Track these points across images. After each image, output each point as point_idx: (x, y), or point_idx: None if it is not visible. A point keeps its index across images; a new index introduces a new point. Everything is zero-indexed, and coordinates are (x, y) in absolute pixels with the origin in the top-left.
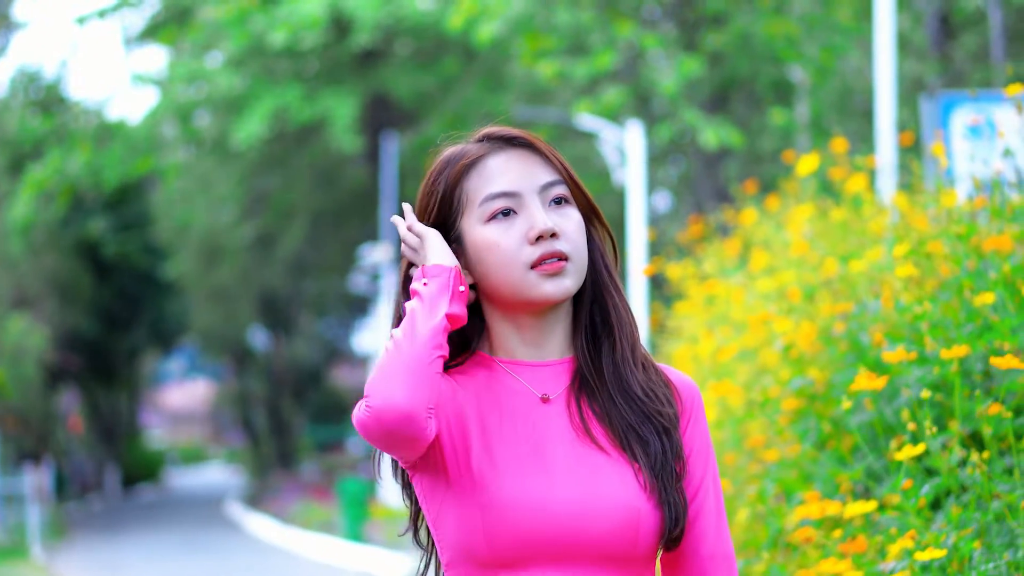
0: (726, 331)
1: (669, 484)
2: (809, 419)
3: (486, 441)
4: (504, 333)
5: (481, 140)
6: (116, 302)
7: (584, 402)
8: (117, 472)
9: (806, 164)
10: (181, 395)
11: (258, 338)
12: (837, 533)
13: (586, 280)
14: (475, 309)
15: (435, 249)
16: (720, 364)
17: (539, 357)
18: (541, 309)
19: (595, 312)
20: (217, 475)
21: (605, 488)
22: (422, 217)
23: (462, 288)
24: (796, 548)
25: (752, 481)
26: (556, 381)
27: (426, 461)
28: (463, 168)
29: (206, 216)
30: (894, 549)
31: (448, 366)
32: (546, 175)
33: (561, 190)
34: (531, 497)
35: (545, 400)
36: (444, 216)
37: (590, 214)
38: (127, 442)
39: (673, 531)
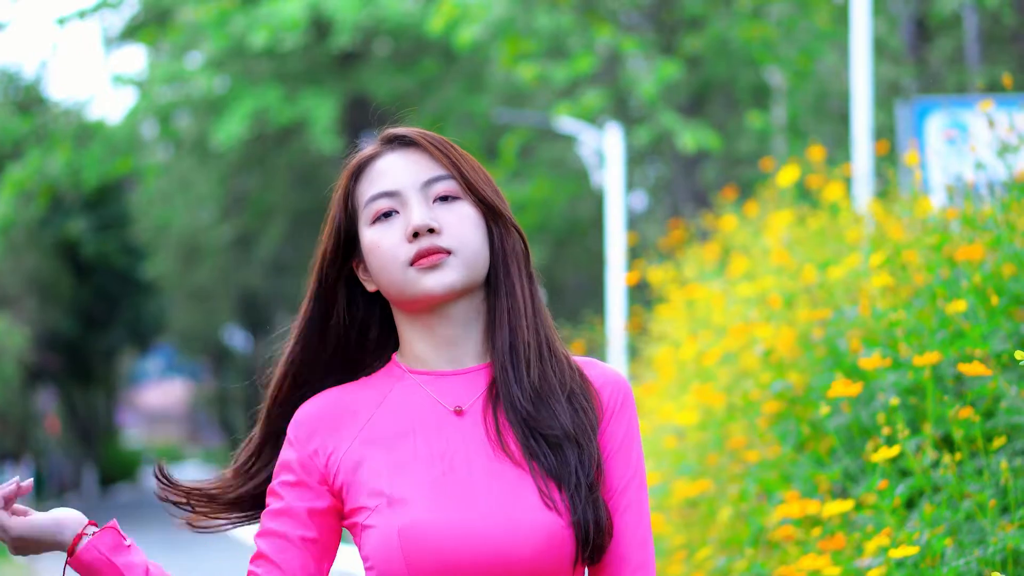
0: (707, 335)
1: (577, 500)
2: (789, 422)
3: (398, 462)
4: (414, 339)
5: (379, 142)
6: (95, 302)
7: (500, 411)
8: (94, 472)
9: (786, 174)
10: (158, 395)
11: (236, 338)
12: (816, 531)
13: (488, 279)
14: (387, 313)
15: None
16: (703, 368)
17: (453, 365)
18: (440, 308)
19: (491, 313)
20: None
21: (523, 508)
22: (326, 228)
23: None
24: (777, 545)
25: (734, 481)
26: (470, 390)
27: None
28: (352, 172)
29: (185, 216)
30: (870, 546)
31: (359, 373)
32: (430, 171)
33: (446, 185)
34: (450, 521)
35: (458, 412)
36: (341, 224)
37: (489, 210)
38: (104, 442)
39: (585, 550)
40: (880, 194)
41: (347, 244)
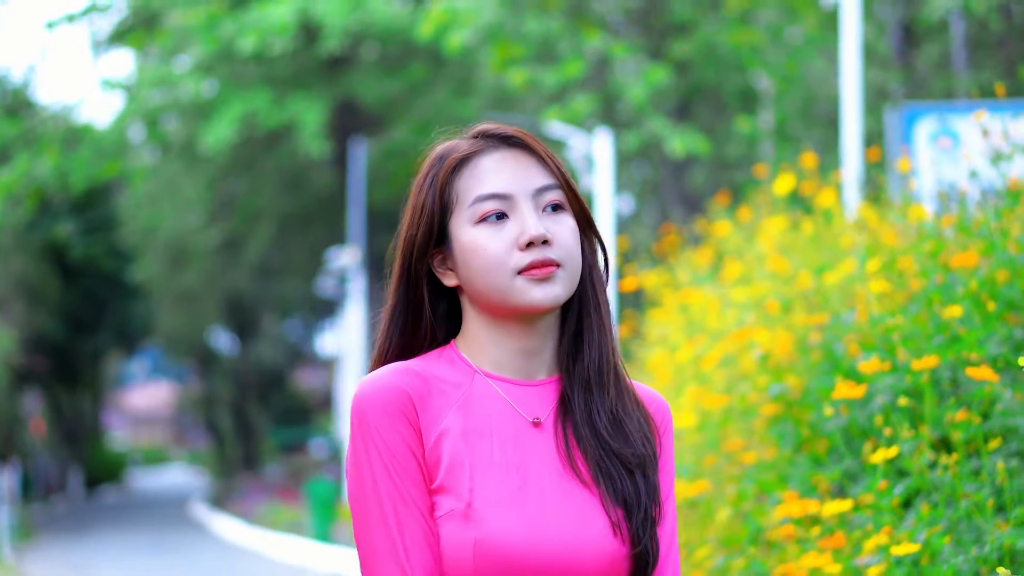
0: (702, 339)
1: (643, 530)
2: (786, 424)
3: (478, 463)
4: (489, 342)
5: (476, 137)
6: (82, 304)
7: (569, 429)
8: (80, 474)
9: (782, 183)
10: (144, 397)
11: (222, 340)
12: (816, 530)
13: (574, 294)
14: (440, 301)
15: None
16: (700, 371)
17: (527, 375)
18: (529, 319)
19: (575, 330)
20: (179, 477)
21: (592, 531)
22: (414, 215)
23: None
24: (776, 544)
25: (731, 482)
26: (543, 403)
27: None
28: (454, 164)
29: (173, 220)
30: (869, 545)
31: (411, 352)
32: (541, 179)
33: (556, 195)
34: (524, 537)
35: (536, 424)
36: (435, 215)
37: (584, 224)
38: (90, 444)
39: (643, 574)
40: (870, 200)
41: (437, 236)
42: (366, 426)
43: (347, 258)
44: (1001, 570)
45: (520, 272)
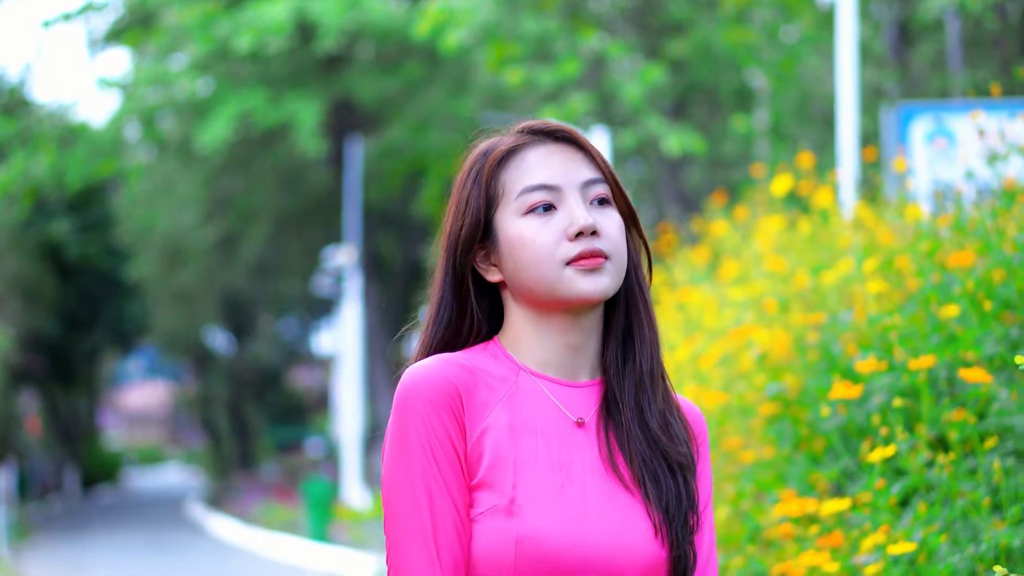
0: (700, 338)
1: (683, 535)
2: (784, 423)
3: (522, 460)
4: (535, 339)
5: (520, 132)
6: (78, 303)
7: (612, 431)
8: (76, 473)
9: (780, 183)
10: (139, 396)
11: (218, 340)
12: (814, 529)
13: (619, 292)
14: (482, 298)
15: None
16: (698, 370)
17: (571, 376)
18: (575, 313)
19: (623, 329)
20: (175, 476)
21: (633, 533)
22: (457, 212)
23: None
24: (774, 543)
25: (729, 481)
26: (587, 404)
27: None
28: (500, 157)
29: (169, 218)
30: (867, 543)
31: (455, 347)
32: (588, 172)
33: (603, 189)
34: (566, 536)
35: (580, 424)
36: (480, 209)
37: (629, 220)
38: (86, 443)
39: None
40: (866, 199)
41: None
42: (409, 413)
43: (343, 257)
44: (998, 568)
45: (569, 263)
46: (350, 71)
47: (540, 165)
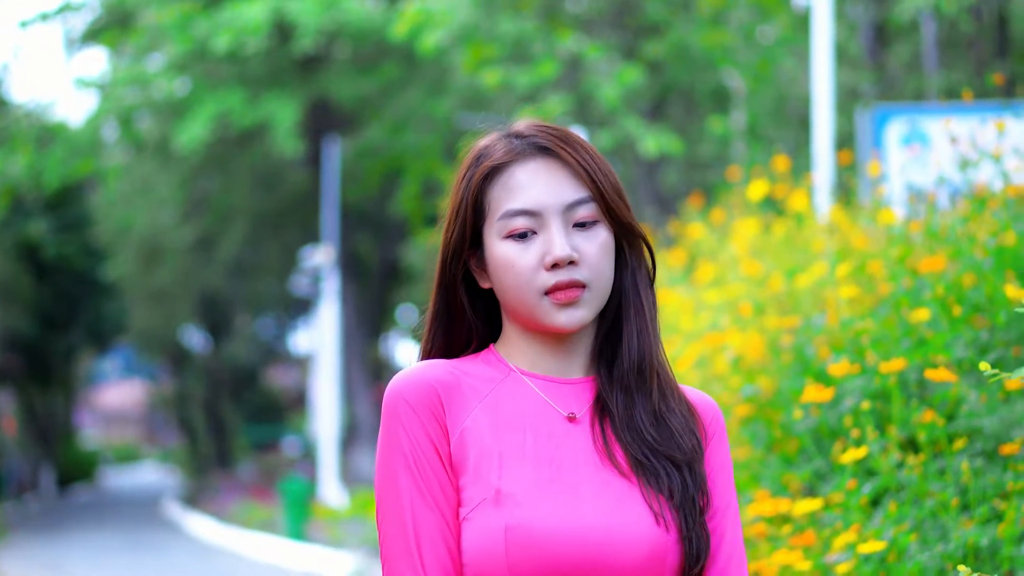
0: (676, 340)
1: (691, 518)
2: (758, 424)
3: (508, 456)
4: (524, 342)
5: (513, 137)
6: (55, 303)
7: (607, 425)
8: (52, 472)
9: (756, 188)
10: (115, 395)
11: (195, 339)
12: (787, 528)
13: (611, 299)
14: (479, 301)
15: None
16: (674, 371)
17: (562, 374)
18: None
19: (615, 331)
20: (151, 475)
21: (631, 517)
22: (451, 215)
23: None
24: (748, 542)
25: None
26: (580, 400)
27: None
28: (486, 172)
29: (146, 218)
30: (839, 542)
31: (453, 354)
32: (574, 192)
33: (588, 210)
34: (557, 522)
35: (571, 419)
36: (468, 220)
37: (623, 230)
38: (62, 442)
39: (693, 568)
40: (841, 202)
41: (471, 239)
42: (392, 422)
43: (321, 257)
44: (962, 567)
45: (546, 293)
46: (327, 71)
47: (524, 187)
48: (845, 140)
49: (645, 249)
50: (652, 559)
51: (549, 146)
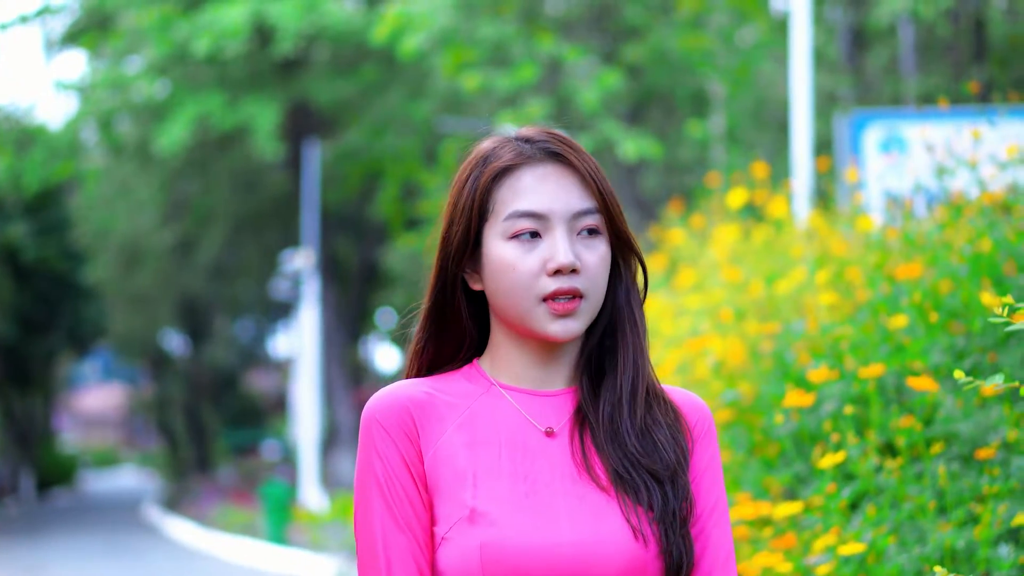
0: (657, 345)
1: (672, 532)
2: (738, 429)
3: (482, 473)
4: (510, 354)
5: (522, 141)
6: (34, 306)
7: (587, 437)
8: (31, 476)
9: (736, 197)
10: (95, 399)
11: (174, 342)
12: (768, 531)
13: (601, 312)
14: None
15: None
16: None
17: (543, 386)
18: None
19: (604, 347)
20: (130, 479)
21: (607, 533)
22: (454, 214)
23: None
24: None
25: None
26: (559, 413)
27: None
28: (495, 173)
29: (126, 221)
30: (819, 545)
31: (436, 369)
32: (581, 201)
33: (593, 220)
34: (532, 540)
35: (549, 434)
36: (473, 221)
37: (621, 245)
38: (41, 446)
39: None
40: (820, 207)
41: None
42: (366, 443)
43: (301, 260)
44: (938, 569)
45: (544, 299)
46: (307, 74)
47: (532, 190)
48: (823, 144)
49: (639, 266)
50: (630, 573)
51: (561, 152)
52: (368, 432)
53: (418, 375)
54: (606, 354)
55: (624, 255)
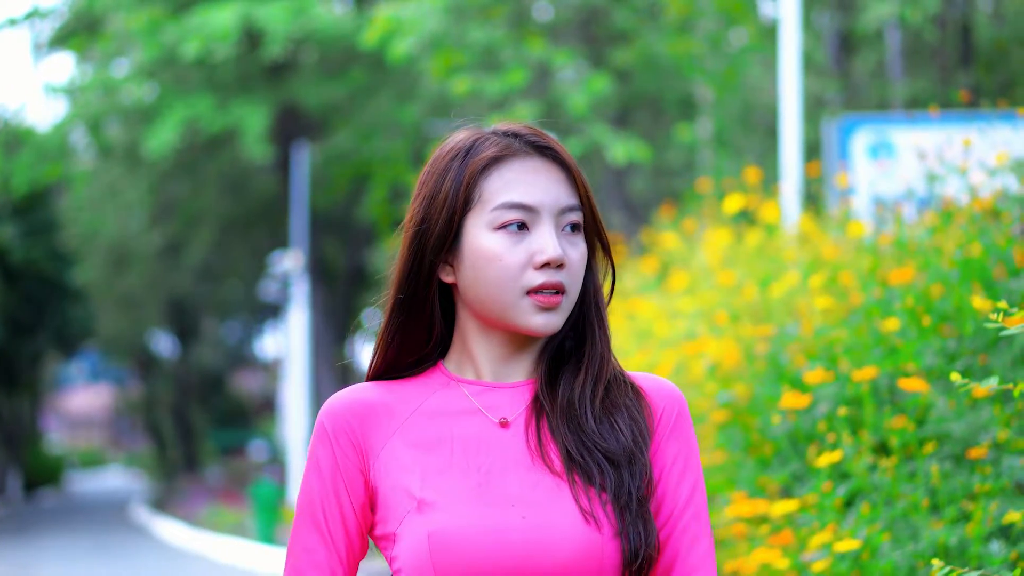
0: (651, 347)
1: (627, 513)
2: (734, 429)
3: (432, 468)
4: (475, 347)
5: (507, 135)
6: (22, 307)
7: (544, 425)
8: (19, 477)
9: (731, 202)
10: (82, 400)
11: (162, 343)
12: (764, 528)
13: (572, 309)
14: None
15: None
16: None
17: (502, 377)
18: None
19: (568, 340)
20: (117, 480)
21: (557, 516)
22: (432, 205)
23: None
24: (727, 542)
25: None
26: (514, 403)
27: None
28: (484, 163)
29: (114, 223)
30: (815, 542)
31: (401, 362)
32: (568, 197)
33: (577, 217)
34: (480, 527)
35: (503, 424)
36: (457, 211)
37: (597, 243)
38: (28, 447)
39: (633, 564)
40: (810, 211)
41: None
42: (311, 446)
43: (290, 262)
44: (935, 561)
45: (529, 292)
46: (296, 77)
47: (522, 182)
48: (811, 148)
49: (609, 268)
50: (583, 558)
51: (550, 147)
52: (315, 436)
53: (384, 369)
54: (570, 347)
55: (595, 252)
